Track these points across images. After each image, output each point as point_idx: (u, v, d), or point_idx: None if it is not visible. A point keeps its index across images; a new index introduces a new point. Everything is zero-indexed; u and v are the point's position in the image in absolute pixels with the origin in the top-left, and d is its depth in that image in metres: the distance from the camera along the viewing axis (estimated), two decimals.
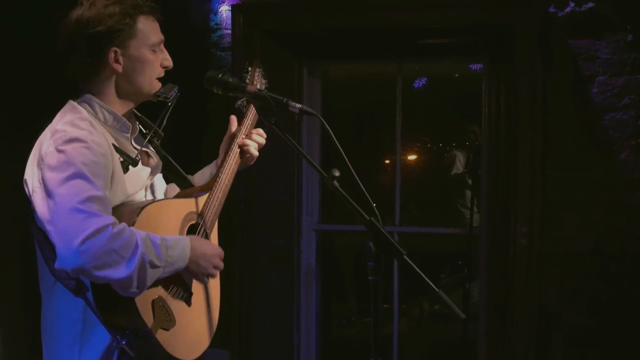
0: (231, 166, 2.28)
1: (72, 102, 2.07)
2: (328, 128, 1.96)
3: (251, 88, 2.08)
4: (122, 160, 2.03)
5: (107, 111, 2.07)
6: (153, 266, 1.88)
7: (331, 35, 3.96)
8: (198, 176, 2.41)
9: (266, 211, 4.01)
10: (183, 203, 2.15)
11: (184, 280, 2.06)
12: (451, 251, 5.74)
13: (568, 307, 3.61)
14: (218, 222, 2.24)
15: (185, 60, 2.40)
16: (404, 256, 1.83)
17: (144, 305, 1.92)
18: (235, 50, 3.93)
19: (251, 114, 2.35)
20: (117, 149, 2.03)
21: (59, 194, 1.86)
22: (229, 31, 3.95)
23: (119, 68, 2.05)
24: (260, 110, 2.12)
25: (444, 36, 3.99)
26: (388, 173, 7.21)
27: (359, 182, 1.91)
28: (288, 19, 3.92)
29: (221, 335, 2.27)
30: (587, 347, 3.58)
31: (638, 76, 3.52)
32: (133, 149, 2.11)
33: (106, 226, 1.83)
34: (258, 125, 2.39)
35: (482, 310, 3.94)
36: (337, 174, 1.91)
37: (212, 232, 2.21)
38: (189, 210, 2.14)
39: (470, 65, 5.94)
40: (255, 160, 2.38)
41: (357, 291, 6.43)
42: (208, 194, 2.20)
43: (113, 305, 1.91)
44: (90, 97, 2.07)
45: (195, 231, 2.14)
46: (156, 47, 2.11)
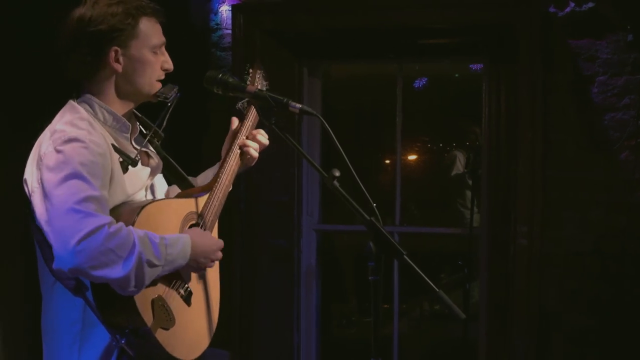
0: (231, 167, 2.28)
1: (72, 102, 2.07)
2: (328, 128, 1.96)
3: (251, 88, 2.09)
4: (122, 160, 2.03)
5: (107, 111, 2.07)
6: (151, 265, 1.88)
7: (331, 35, 3.96)
8: (201, 177, 2.40)
9: (266, 211, 4.01)
10: (183, 203, 2.15)
11: (184, 279, 2.06)
12: (451, 251, 5.73)
13: (568, 307, 3.61)
14: (218, 223, 2.24)
15: (185, 60, 2.40)
16: (404, 256, 1.83)
17: (144, 304, 1.92)
18: (235, 50, 3.93)
19: (252, 115, 2.35)
20: (117, 149, 2.03)
21: (56, 195, 1.86)
22: (229, 31, 3.95)
23: (119, 68, 2.05)
24: (260, 110, 2.12)
25: (444, 36, 3.99)
26: (388, 173, 7.21)
27: (359, 182, 1.91)
28: (288, 19, 3.92)
29: (221, 335, 2.27)
30: (588, 347, 3.58)
31: (638, 76, 3.52)
32: (133, 149, 2.11)
33: (102, 226, 1.83)
34: (259, 125, 2.39)
35: (483, 310, 3.94)
36: (338, 174, 1.91)
37: (212, 233, 2.20)
38: (189, 210, 2.14)
39: (470, 65, 5.94)
40: (255, 161, 2.38)
41: (357, 291, 6.43)
42: (208, 195, 2.20)
43: (112, 304, 1.90)
44: (90, 97, 2.07)
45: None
46: (157, 49, 2.11)
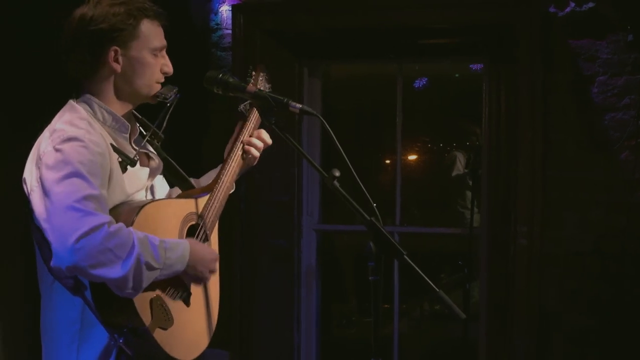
0: (233, 168, 2.28)
1: (72, 102, 2.08)
2: (328, 128, 1.96)
3: (251, 88, 2.08)
4: (120, 160, 2.03)
5: (106, 111, 2.07)
6: (150, 268, 1.87)
7: (331, 35, 3.96)
8: (204, 179, 2.40)
9: (266, 211, 4.01)
10: (183, 204, 2.15)
11: (183, 283, 2.05)
12: (451, 251, 5.73)
13: (568, 307, 3.61)
14: (218, 223, 2.24)
15: (185, 60, 2.40)
16: (405, 256, 1.83)
17: (142, 304, 1.92)
18: (235, 50, 3.93)
19: (254, 117, 2.35)
20: (116, 149, 2.03)
21: (56, 192, 1.86)
22: (230, 31, 3.95)
23: (118, 68, 2.06)
24: (260, 110, 2.12)
25: (444, 36, 3.99)
26: (388, 173, 7.20)
27: (359, 182, 1.91)
28: (288, 19, 3.92)
29: (221, 335, 2.27)
30: (588, 347, 3.58)
31: (638, 76, 3.52)
32: (132, 150, 2.11)
33: (102, 225, 1.83)
34: (260, 127, 2.39)
35: (483, 310, 3.94)
36: (338, 174, 1.91)
37: (213, 233, 2.20)
38: (189, 211, 2.13)
39: (470, 65, 5.94)
40: (257, 161, 2.38)
41: (357, 291, 6.43)
42: (209, 195, 2.19)
43: (111, 303, 1.90)
44: (89, 97, 2.07)
45: (195, 232, 2.14)
46: (157, 52, 2.11)
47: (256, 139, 2.33)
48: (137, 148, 2.13)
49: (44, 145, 1.95)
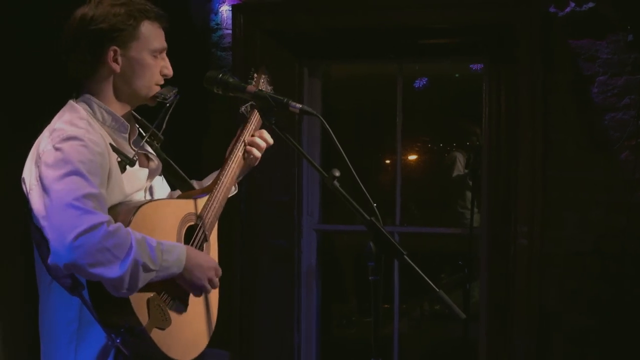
0: (233, 169, 2.27)
1: (71, 102, 2.08)
2: (328, 128, 1.96)
3: (251, 88, 2.08)
4: (120, 160, 2.04)
5: (106, 111, 2.08)
6: (146, 269, 1.87)
7: (331, 35, 3.96)
8: (207, 180, 2.40)
9: (267, 211, 4.01)
10: (182, 204, 2.14)
11: (180, 287, 2.04)
12: (452, 251, 5.72)
13: (568, 307, 3.61)
14: (218, 223, 2.23)
15: (185, 60, 2.40)
16: (405, 256, 1.83)
17: (139, 303, 1.91)
18: (235, 50, 3.93)
19: (255, 118, 2.34)
20: (115, 149, 2.03)
21: (55, 191, 1.86)
22: (230, 31, 3.95)
23: (117, 68, 2.06)
24: (261, 110, 2.12)
25: (445, 36, 3.99)
26: (388, 173, 7.20)
27: (359, 182, 1.91)
28: (288, 19, 3.92)
29: (221, 335, 2.27)
30: (588, 347, 3.58)
31: (638, 76, 3.52)
32: (131, 150, 2.11)
33: (101, 223, 1.83)
34: (261, 127, 2.39)
35: (483, 310, 3.94)
36: (338, 174, 1.91)
37: (212, 234, 2.20)
38: (188, 211, 2.13)
39: (470, 65, 5.94)
40: (258, 161, 2.38)
41: (358, 291, 6.43)
42: (208, 196, 2.19)
43: (108, 303, 1.90)
44: (89, 97, 2.08)
45: (193, 232, 2.13)
46: (157, 54, 2.12)
47: (258, 139, 2.33)
48: (136, 149, 2.13)
49: (44, 144, 1.96)
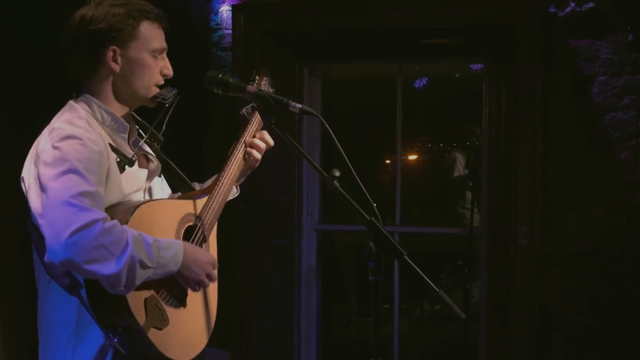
0: (233, 170, 2.27)
1: (71, 102, 2.09)
2: (328, 128, 1.96)
3: (251, 88, 2.08)
4: (119, 160, 2.04)
5: (105, 111, 2.08)
6: (143, 266, 1.87)
7: (331, 35, 3.97)
8: (208, 183, 2.39)
9: (267, 211, 4.01)
10: (181, 204, 2.14)
11: (179, 285, 2.04)
12: (452, 251, 5.72)
13: (568, 307, 3.61)
14: (218, 224, 2.23)
15: (185, 60, 2.40)
16: (405, 256, 1.83)
17: (136, 303, 1.91)
18: (235, 50, 3.93)
19: (256, 120, 2.34)
20: (114, 149, 2.04)
21: (52, 188, 1.87)
22: (230, 31, 3.95)
23: (117, 68, 2.06)
24: (260, 110, 2.12)
25: (445, 36, 3.99)
26: (388, 173, 7.20)
27: (359, 182, 1.91)
28: (288, 19, 3.92)
29: (221, 335, 2.26)
30: (588, 347, 3.58)
31: (638, 76, 3.52)
32: (130, 150, 2.12)
33: (96, 221, 1.83)
34: (261, 128, 2.38)
35: (483, 310, 3.94)
36: (338, 174, 1.91)
37: (211, 235, 2.19)
38: (187, 212, 2.13)
39: (470, 65, 5.93)
40: (259, 163, 2.38)
41: (358, 291, 6.42)
42: (208, 197, 2.19)
43: (105, 302, 1.90)
44: (89, 97, 2.08)
45: (192, 233, 2.13)
46: (157, 54, 2.12)
47: (258, 140, 2.33)
48: (135, 149, 2.13)
49: (43, 143, 1.97)
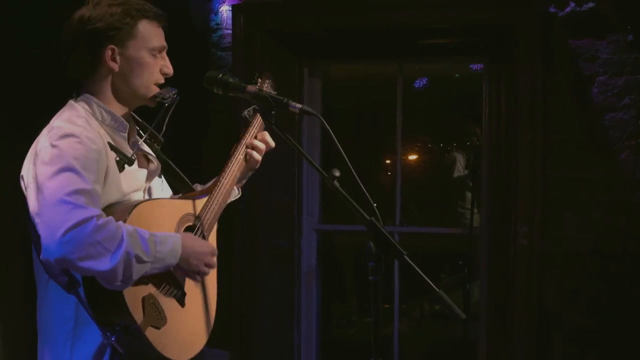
0: (233, 171, 2.27)
1: (71, 102, 2.09)
2: (328, 128, 1.96)
3: (251, 88, 2.08)
4: (118, 159, 2.04)
5: (105, 110, 2.08)
6: (139, 261, 1.87)
7: (331, 35, 3.97)
8: (210, 184, 2.40)
9: (267, 211, 4.01)
10: (180, 204, 2.14)
11: (177, 279, 2.04)
12: (452, 251, 5.72)
13: (568, 307, 3.61)
14: (218, 224, 2.23)
15: (185, 60, 2.40)
16: (405, 256, 1.83)
17: (134, 302, 1.91)
18: (235, 50, 3.93)
19: (257, 122, 2.33)
20: (113, 148, 2.04)
21: (48, 187, 1.87)
22: (230, 31, 3.95)
23: (115, 67, 2.06)
24: (261, 111, 2.12)
25: (445, 36, 4.00)
26: (388, 173, 7.20)
27: (359, 182, 1.91)
28: (288, 19, 3.92)
29: (221, 335, 2.26)
30: (588, 347, 3.58)
31: (638, 76, 3.52)
32: (129, 149, 2.12)
33: (91, 218, 1.83)
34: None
35: (483, 310, 3.94)
36: (338, 174, 1.91)
37: (211, 235, 2.19)
38: (186, 211, 2.13)
39: (470, 65, 5.93)
40: (259, 164, 2.37)
41: (358, 291, 6.42)
42: (208, 197, 2.19)
43: (103, 301, 1.90)
44: (89, 97, 2.08)
45: (191, 233, 2.12)
46: (156, 53, 2.12)
47: (258, 141, 2.32)
48: (134, 149, 2.13)
49: (42, 142, 1.97)
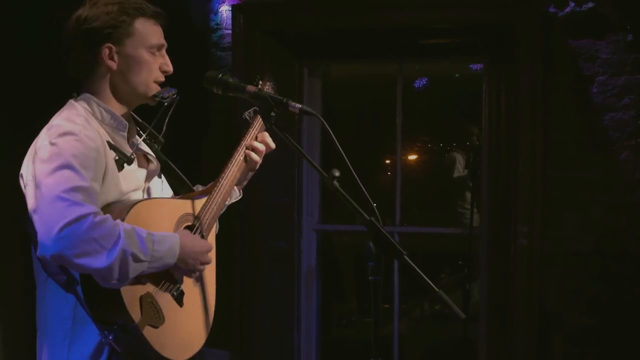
0: (233, 172, 2.27)
1: (71, 101, 2.10)
2: (328, 128, 1.96)
3: (251, 88, 2.08)
4: (117, 158, 2.04)
5: (104, 109, 2.08)
6: (136, 259, 1.87)
7: (331, 35, 3.97)
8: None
9: (267, 213, 4.00)
10: (179, 204, 2.14)
11: (175, 278, 2.04)
12: (451, 251, 5.73)
13: (568, 307, 3.61)
14: (218, 224, 2.23)
15: (185, 60, 2.40)
16: (404, 256, 1.83)
17: (132, 300, 1.91)
18: (235, 50, 3.93)
19: (257, 123, 2.33)
20: (112, 146, 2.04)
21: (46, 184, 1.88)
22: (229, 31, 3.95)
23: (113, 65, 2.06)
24: (260, 111, 2.12)
25: (445, 36, 4.00)
26: (388, 173, 7.21)
27: (359, 182, 1.91)
28: (288, 19, 3.92)
29: (221, 335, 2.26)
30: (588, 347, 3.58)
31: (638, 76, 3.52)
32: (129, 148, 2.12)
33: (87, 215, 1.83)
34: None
35: (483, 310, 3.94)
36: (337, 174, 1.91)
37: (210, 235, 2.19)
38: (185, 211, 2.13)
39: (470, 65, 5.94)
40: (259, 165, 2.37)
41: (357, 291, 6.43)
42: (207, 197, 2.19)
43: (101, 299, 1.90)
44: (88, 96, 2.09)
45: (190, 231, 2.13)
46: (155, 50, 2.11)
47: (258, 143, 2.32)
48: (134, 148, 2.13)
49: (41, 140, 1.98)
